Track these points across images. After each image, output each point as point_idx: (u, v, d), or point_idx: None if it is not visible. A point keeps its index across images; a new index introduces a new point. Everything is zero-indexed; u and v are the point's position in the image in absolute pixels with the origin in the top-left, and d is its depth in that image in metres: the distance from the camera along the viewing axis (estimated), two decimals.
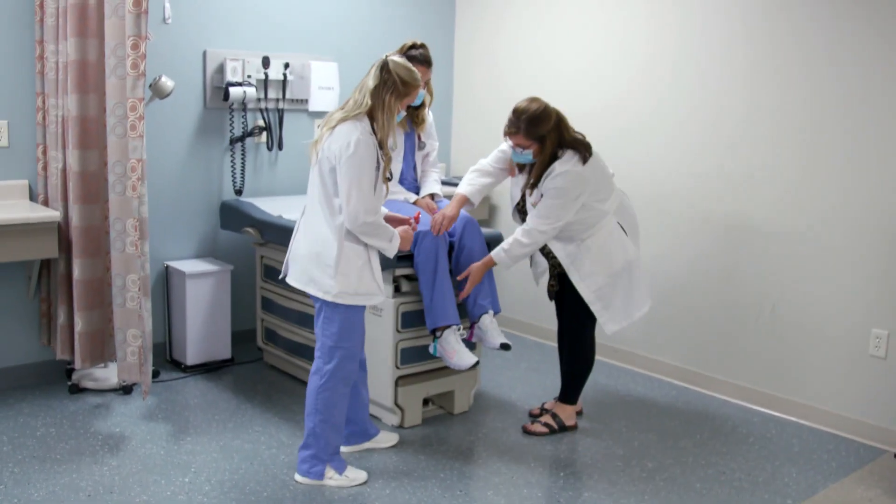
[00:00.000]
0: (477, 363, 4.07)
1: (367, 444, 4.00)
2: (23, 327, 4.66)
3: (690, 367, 5.04)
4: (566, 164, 3.93)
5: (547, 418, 4.34)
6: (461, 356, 4.05)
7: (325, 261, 3.48)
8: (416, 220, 3.73)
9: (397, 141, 4.31)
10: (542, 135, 3.92)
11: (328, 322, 3.56)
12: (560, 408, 4.37)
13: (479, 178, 4.30)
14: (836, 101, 4.34)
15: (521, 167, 4.16)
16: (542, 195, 3.99)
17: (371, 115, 3.45)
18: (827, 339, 4.47)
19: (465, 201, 4.24)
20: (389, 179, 3.57)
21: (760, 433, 4.41)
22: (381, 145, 3.45)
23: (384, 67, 3.44)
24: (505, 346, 4.12)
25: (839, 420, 4.44)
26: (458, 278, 4.12)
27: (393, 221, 3.68)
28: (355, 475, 3.72)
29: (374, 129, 3.44)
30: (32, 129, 4.52)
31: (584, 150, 3.97)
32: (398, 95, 3.46)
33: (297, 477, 3.70)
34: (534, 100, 3.97)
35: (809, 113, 4.44)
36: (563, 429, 4.33)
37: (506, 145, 4.19)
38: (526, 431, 4.30)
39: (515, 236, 4.06)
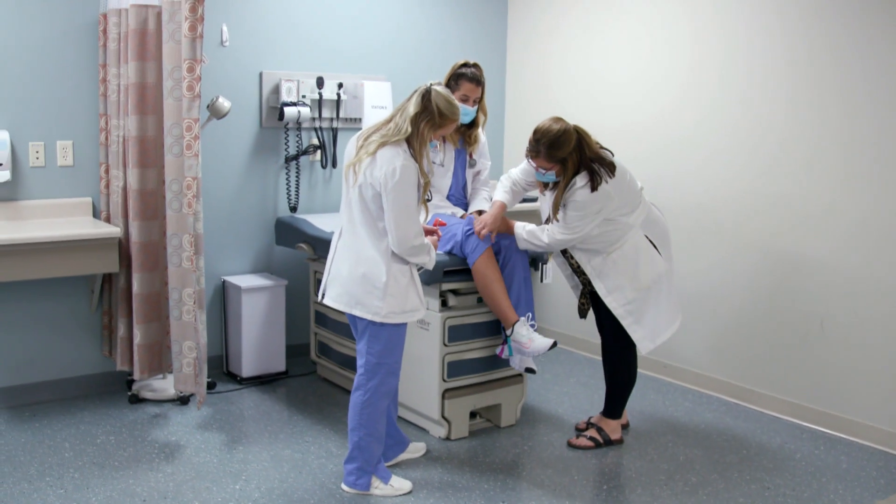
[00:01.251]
0: (555, 344, 4.12)
1: (402, 456, 4.07)
2: (86, 339, 4.85)
3: (739, 382, 5.03)
4: (587, 177, 3.96)
5: (592, 432, 4.38)
6: (536, 342, 4.11)
7: (372, 283, 3.54)
8: (437, 224, 3.92)
9: (447, 157, 4.41)
10: (563, 157, 3.95)
11: (374, 340, 3.63)
12: (605, 422, 4.40)
13: (512, 187, 4.40)
14: (878, 120, 4.33)
15: (547, 184, 4.22)
16: (565, 205, 4.05)
17: (409, 140, 3.49)
18: (876, 354, 4.43)
19: (504, 207, 4.33)
20: (429, 200, 3.65)
21: (809, 450, 4.38)
22: (420, 168, 3.50)
23: (426, 96, 3.48)
24: (529, 370, 4.24)
25: (890, 437, 4.39)
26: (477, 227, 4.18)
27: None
28: (400, 485, 3.80)
29: (413, 153, 3.49)
30: (96, 148, 4.72)
31: (606, 168, 3.98)
32: (433, 126, 3.50)
33: (344, 487, 3.80)
34: (556, 120, 3.97)
35: (851, 131, 4.42)
36: (608, 442, 4.36)
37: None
38: (571, 445, 4.34)
39: (539, 231, 4.14)
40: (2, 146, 4.40)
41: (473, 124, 4.47)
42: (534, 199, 5.82)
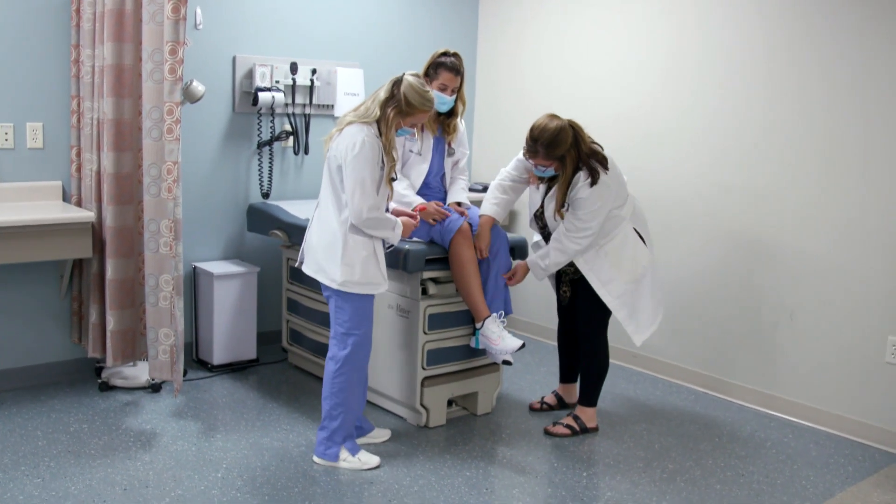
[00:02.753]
0: (523, 345, 4.17)
1: (362, 440, 4.10)
2: (54, 325, 4.75)
3: (709, 372, 5.11)
4: (588, 173, 4.03)
5: (569, 420, 4.42)
6: (506, 341, 4.17)
7: (333, 251, 3.68)
8: (419, 210, 4.05)
9: (424, 145, 4.40)
10: (562, 154, 4.01)
11: (340, 310, 3.75)
12: (581, 410, 4.44)
13: (501, 196, 4.38)
14: (854, 114, 4.42)
15: (542, 178, 4.25)
16: (568, 206, 4.08)
17: (378, 123, 3.63)
18: (844, 346, 4.54)
19: (493, 223, 4.33)
20: (394, 180, 3.76)
21: (778, 438, 4.48)
22: (386, 150, 3.62)
23: (396, 84, 3.63)
24: (506, 362, 4.26)
25: (855, 425, 4.51)
26: (504, 276, 4.33)
27: (399, 215, 3.89)
28: (367, 458, 3.89)
29: (380, 135, 3.63)
30: (67, 131, 4.62)
31: (600, 162, 4.05)
32: (400, 113, 3.63)
33: (315, 458, 3.89)
34: (551, 118, 4.02)
35: (827, 124, 4.52)
36: (584, 430, 4.40)
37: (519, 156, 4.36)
38: (548, 433, 4.38)
39: (553, 253, 4.17)
40: None
41: (452, 113, 4.46)
42: None
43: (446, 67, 4.29)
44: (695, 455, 4.22)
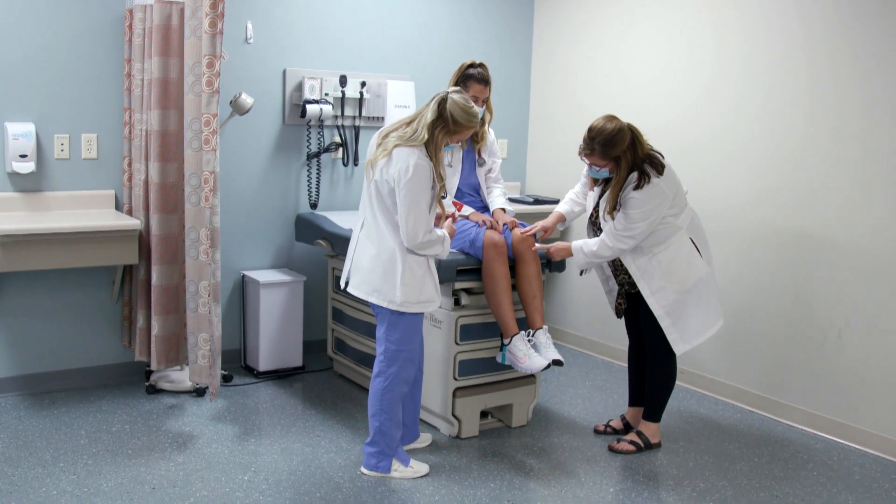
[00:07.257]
0: (549, 366, 4.13)
1: (410, 445, 4.17)
2: (107, 329, 4.93)
3: (754, 390, 4.99)
4: (640, 176, 4.01)
5: (632, 436, 4.37)
6: (532, 360, 4.14)
7: (390, 272, 3.68)
8: (459, 208, 4.02)
9: (454, 157, 4.44)
10: (617, 156, 3.98)
11: (392, 328, 3.77)
12: (645, 426, 4.38)
13: (574, 202, 4.53)
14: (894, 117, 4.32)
15: (597, 180, 4.24)
16: (620, 206, 4.06)
17: (426, 145, 3.62)
18: (893, 365, 4.38)
19: (562, 218, 4.48)
20: (444, 197, 3.74)
21: (821, 459, 4.35)
22: (436, 170, 3.63)
23: (441, 104, 3.61)
24: (557, 362, 4.16)
25: None
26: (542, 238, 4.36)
27: (437, 219, 3.87)
28: (419, 467, 3.96)
29: (429, 156, 3.62)
30: (119, 142, 4.80)
31: (654, 168, 4.02)
32: (447, 132, 3.63)
33: (364, 471, 3.92)
34: (610, 119, 4.00)
35: (872, 129, 4.39)
36: (648, 446, 4.35)
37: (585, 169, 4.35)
38: (612, 450, 4.33)
39: (600, 248, 4.14)
40: (27, 138, 4.50)
41: (480, 123, 4.49)
42: (555, 202, 5.87)
43: (476, 79, 4.33)
44: (729, 475, 4.12)
